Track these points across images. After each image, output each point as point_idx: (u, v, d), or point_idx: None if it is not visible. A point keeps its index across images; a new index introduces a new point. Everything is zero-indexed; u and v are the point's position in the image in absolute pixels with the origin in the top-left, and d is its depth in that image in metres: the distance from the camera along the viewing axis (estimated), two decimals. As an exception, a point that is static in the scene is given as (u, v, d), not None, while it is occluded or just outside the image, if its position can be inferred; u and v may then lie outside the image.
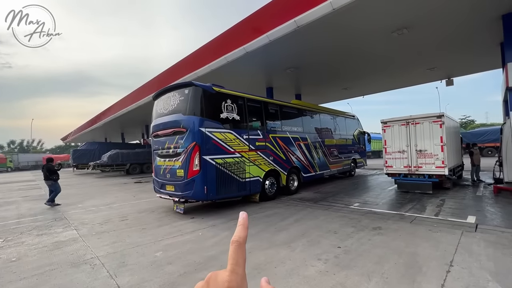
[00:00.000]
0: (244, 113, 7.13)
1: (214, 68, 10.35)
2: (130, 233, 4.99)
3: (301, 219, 5.54)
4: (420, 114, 7.95)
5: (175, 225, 5.45)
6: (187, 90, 6.19)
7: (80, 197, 10.13)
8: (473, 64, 11.81)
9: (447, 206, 6.13)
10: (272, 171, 7.89)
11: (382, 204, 6.76)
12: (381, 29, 7.75)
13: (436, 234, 4.21)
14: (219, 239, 4.41)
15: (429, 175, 7.77)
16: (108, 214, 6.78)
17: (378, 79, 13.50)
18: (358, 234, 4.38)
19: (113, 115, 21.22)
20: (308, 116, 10.29)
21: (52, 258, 3.82)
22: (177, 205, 6.48)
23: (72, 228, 5.50)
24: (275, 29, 7.82)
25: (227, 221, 5.55)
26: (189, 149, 5.91)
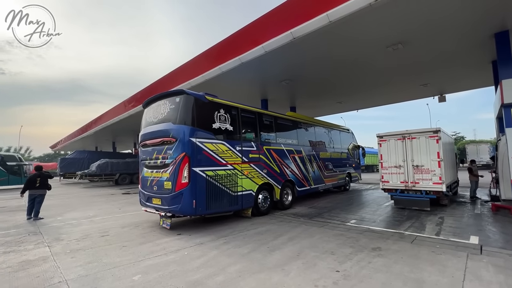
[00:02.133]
0: (237, 123, 6.88)
1: (209, 78, 10.19)
2: (109, 251, 4.54)
3: (296, 237, 5.18)
4: (416, 129, 7.85)
5: (159, 242, 5.01)
6: (178, 98, 5.92)
7: (61, 209, 9.53)
8: (465, 81, 12.01)
9: (447, 225, 5.88)
10: (266, 185, 7.57)
11: (380, 221, 6.47)
12: (377, 44, 7.76)
13: (440, 257, 3.92)
14: (205, 260, 4.01)
15: (427, 192, 7.57)
16: (88, 229, 6.27)
17: (372, 93, 13.58)
18: (357, 255, 4.06)
19: (104, 124, 20.72)
20: (303, 129, 10.12)
21: (14, 281, 3.36)
22: (163, 220, 6.05)
23: (45, 245, 5.00)
24: (271, 40, 7.75)
25: (216, 239, 5.15)
26: (178, 160, 5.57)
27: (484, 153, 30.48)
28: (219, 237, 5.30)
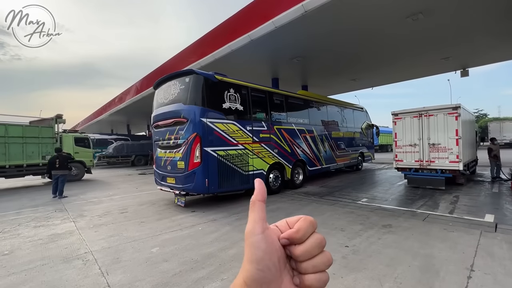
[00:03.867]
0: (248, 103, 6.83)
1: (218, 57, 10.01)
2: (128, 226, 4.82)
3: (306, 214, 5.26)
4: (434, 106, 7.50)
5: (174, 218, 5.26)
6: (188, 79, 5.90)
7: (83, 188, 10.09)
8: (491, 53, 11.14)
9: (462, 203, 5.78)
10: (277, 164, 7.62)
11: (392, 200, 6.44)
12: (395, 14, 7.25)
13: (452, 234, 3.90)
14: (218, 234, 4.19)
15: (442, 170, 7.38)
16: (108, 206, 6.65)
17: (389, 69, 12.93)
18: (367, 232, 4.11)
19: (117, 107, 21.16)
20: (315, 108, 9.92)
21: (45, 252, 3.67)
22: (178, 198, 6.30)
23: (70, 220, 5.37)
24: (281, 14, 7.41)
25: (229, 216, 5.34)
26: (189, 140, 5.67)
27: (509, 131, 28.94)
28: (231, 214, 5.48)
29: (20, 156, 10.62)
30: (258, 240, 0.33)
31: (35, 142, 11.00)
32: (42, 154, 11.10)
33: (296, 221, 0.37)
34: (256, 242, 0.33)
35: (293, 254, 0.34)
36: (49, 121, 12.04)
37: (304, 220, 0.36)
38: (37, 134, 11.15)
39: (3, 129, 10.27)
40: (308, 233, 0.35)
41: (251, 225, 0.35)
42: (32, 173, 11.22)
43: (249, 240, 0.34)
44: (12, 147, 10.42)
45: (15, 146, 10.51)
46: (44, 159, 10.92)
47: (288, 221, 0.38)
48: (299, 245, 0.35)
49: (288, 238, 0.35)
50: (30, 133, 10.95)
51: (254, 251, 0.33)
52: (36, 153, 11.01)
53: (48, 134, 11.50)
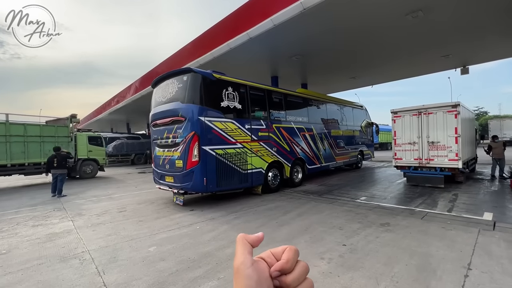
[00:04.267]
0: (246, 101, 6.80)
1: (217, 55, 9.97)
2: (126, 225, 4.82)
3: (305, 213, 5.27)
4: (433, 104, 7.48)
5: (173, 217, 5.26)
6: (185, 77, 5.88)
7: (83, 187, 10.09)
8: (491, 50, 11.08)
9: (461, 202, 5.77)
10: (275, 163, 7.61)
11: (391, 198, 6.43)
12: (394, 11, 7.20)
13: (450, 233, 3.89)
14: (216, 233, 4.19)
15: (441, 168, 7.37)
16: (107, 205, 6.65)
17: (388, 67, 12.88)
18: (365, 230, 4.10)
19: (117, 105, 21.16)
20: (314, 106, 9.89)
21: (43, 251, 3.67)
22: (176, 197, 6.29)
23: (68, 219, 5.37)
24: (280, 12, 7.37)
25: (227, 214, 5.33)
26: (187, 139, 5.65)
27: (509, 129, 28.88)
28: (230, 212, 5.48)
29: (38, 154, 11.08)
30: (250, 272, 0.35)
31: (51, 141, 11.43)
32: None
33: (282, 251, 0.39)
34: (249, 274, 0.35)
35: (284, 283, 0.37)
36: (65, 121, 12.51)
37: (289, 250, 0.39)
38: (54, 133, 11.68)
39: (22, 129, 10.78)
40: (295, 262, 0.38)
41: (242, 257, 0.37)
42: None
43: (242, 272, 0.35)
44: (30, 145, 10.90)
45: (34, 145, 11.01)
46: None
47: (273, 251, 0.40)
48: (289, 274, 0.37)
49: (280, 270, 0.37)
50: (47, 132, 11.47)
51: (247, 282, 0.35)
52: None
53: (64, 133, 12.01)
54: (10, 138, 10.39)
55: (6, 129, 10.33)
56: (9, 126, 10.47)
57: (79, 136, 13.20)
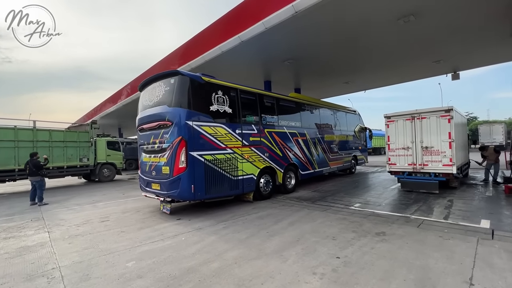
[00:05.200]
0: (237, 105, 6.59)
1: (208, 59, 9.79)
2: (107, 237, 4.50)
3: (297, 221, 5.04)
4: (427, 108, 7.41)
5: (157, 227, 4.95)
6: (173, 80, 5.64)
7: (68, 194, 9.66)
8: (481, 56, 11.20)
9: (456, 208, 5.63)
10: (268, 168, 7.38)
11: (385, 205, 6.26)
12: (387, 16, 7.16)
13: (448, 242, 3.71)
14: (202, 245, 3.91)
15: (435, 174, 7.26)
16: (89, 214, 6.29)
17: (381, 72, 12.91)
18: (359, 240, 3.88)
19: (108, 109, 20.73)
20: (307, 111, 9.75)
21: (8, 268, 3.33)
22: (163, 205, 5.98)
23: (45, 231, 5.01)
24: (271, 15, 7.25)
25: (216, 224, 5.06)
26: (174, 144, 5.39)
27: (498, 134, 29.37)
28: (218, 221, 5.20)
29: (62, 159, 11.93)
30: None
31: (74, 146, 12.36)
32: (79, 157, 12.52)
33: None
34: None
35: None
36: (85, 127, 13.52)
37: None
38: (76, 138, 12.52)
39: (48, 135, 11.59)
40: None
41: None
42: (71, 174, 12.60)
43: None
44: (55, 150, 11.70)
45: (57, 150, 11.82)
46: (81, 161, 12.52)
47: None
48: None
49: None
50: (69, 137, 12.31)
51: None
52: (75, 155, 12.42)
53: (85, 138, 12.85)
54: (37, 144, 11.10)
55: (34, 135, 11.14)
56: (36, 132, 11.23)
57: (99, 141, 13.68)
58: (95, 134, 13.59)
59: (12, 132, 10.59)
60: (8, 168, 10.31)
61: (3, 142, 10.27)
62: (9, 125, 10.72)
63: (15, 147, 10.54)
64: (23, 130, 10.97)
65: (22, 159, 10.13)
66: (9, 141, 10.42)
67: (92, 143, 13.02)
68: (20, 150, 10.57)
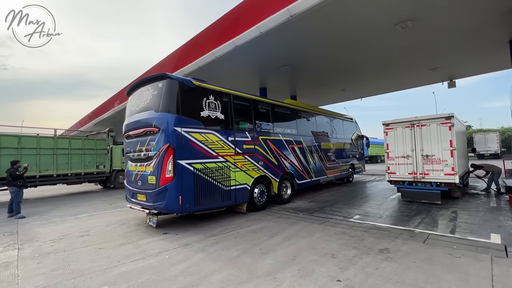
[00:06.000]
0: (230, 112, 6.27)
1: (202, 64, 9.53)
2: (82, 254, 4.05)
3: (293, 236, 4.65)
4: (427, 115, 7.18)
5: (141, 243, 4.52)
6: (161, 83, 5.31)
7: (52, 205, 9.12)
8: (477, 64, 11.13)
9: (462, 220, 5.30)
10: (262, 178, 7.01)
11: (386, 216, 5.91)
12: (384, 21, 7.00)
13: (460, 261, 3.35)
14: (187, 265, 3.50)
15: (437, 183, 6.96)
16: (69, 227, 5.82)
17: (377, 79, 12.79)
18: (362, 259, 3.51)
19: (101, 116, 20.29)
20: (303, 118, 9.47)
21: (-41, 295, 2.88)
22: (149, 217, 5.55)
23: (15, 247, 4.53)
24: (266, 19, 7.05)
25: (204, 239, 4.64)
26: (161, 152, 5.02)
27: (493, 142, 29.52)
28: (208, 236, 4.79)
29: (80, 166, 12.33)
30: None
31: (91, 153, 12.76)
32: (96, 164, 12.85)
33: None
34: None
35: None
36: (103, 135, 14.01)
37: None
38: (94, 146, 12.95)
39: (67, 142, 12.12)
40: None
41: None
42: (88, 180, 12.98)
43: None
44: (73, 157, 12.14)
45: (76, 157, 12.25)
46: (97, 168, 12.89)
47: None
48: None
49: None
50: (88, 145, 12.75)
51: None
52: (92, 162, 12.77)
53: (102, 146, 13.27)
54: (57, 151, 11.59)
55: (54, 143, 11.61)
56: (57, 140, 11.74)
57: (115, 149, 13.77)
58: (111, 142, 13.84)
59: (35, 140, 11.14)
60: (29, 174, 10.35)
61: (27, 150, 10.80)
62: (33, 134, 11.36)
63: (37, 154, 11.01)
64: (45, 138, 11.50)
65: (43, 166, 11.11)
66: (32, 148, 10.95)
67: (108, 150, 13.34)
68: (42, 157, 11.12)
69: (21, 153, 10.51)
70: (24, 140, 10.79)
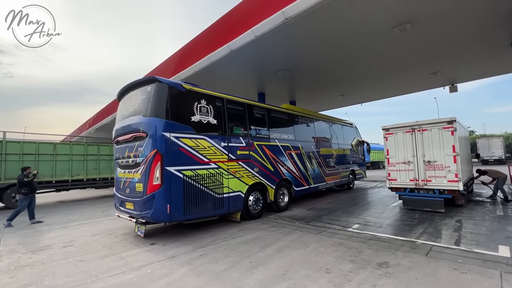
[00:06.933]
0: (223, 116, 6.07)
1: (198, 69, 9.40)
2: (60, 268, 3.80)
3: (286, 247, 4.37)
4: (428, 120, 6.93)
5: (124, 255, 4.26)
6: (149, 87, 5.14)
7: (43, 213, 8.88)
8: (479, 68, 10.92)
9: (467, 231, 4.99)
10: (258, 185, 6.76)
11: (387, 226, 5.61)
12: (381, 23, 6.84)
13: (466, 277, 3.06)
14: (168, 281, 3.23)
15: (440, 191, 6.66)
16: (54, 237, 5.58)
17: (377, 84, 12.60)
18: (358, 275, 3.23)
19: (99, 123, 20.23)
20: (301, 123, 9.25)
21: None
22: (138, 227, 5.30)
23: (-8, 259, 4.29)
24: (261, 22, 6.91)
25: (193, 250, 4.37)
26: (149, 158, 4.80)
27: (497, 148, 29.06)
28: (197, 247, 4.52)
29: (107, 171, 13.14)
30: None
31: None
32: None
33: None
34: None
35: None
36: None
37: None
38: None
39: (96, 149, 12.89)
40: None
41: None
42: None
43: None
44: (102, 163, 12.94)
45: (104, 162, 13.06)
46: None
47: None
48: None
49: None
50: None
51: None
52: None
53: None
54: (87, 157, 12.48)
55: (85, 149, 12.53)
56: (87, 147, 12.55)
57: None
58: None
59: (68, 147, 12.12)
60: (63, 178, 11.66)
61: (61, 156, 11.69)
62: (66, 141, 12.63)
63: (69, 160, 11.95)
64: (77, 145, 12.49)
65: (75, 170, 12.08)
66: (65, 154, 11.85)
67: None
68: (74, 162, 12.07)
69: (56, 159, 11.53)
70: (59, 147, 11.83)
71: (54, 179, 11.37)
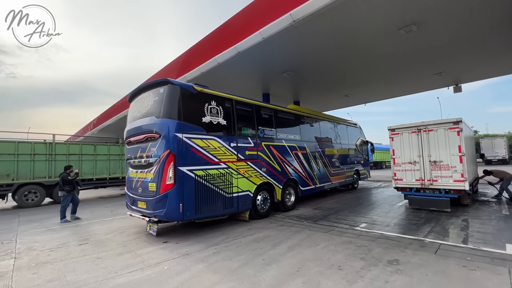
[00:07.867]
0: (232, 117, 6.18)
1: (204, 70, 9.52)
2: (79, 264, 3.93)
3: (297, 245, 4.48)
4: (433, 120, 7.01)
5: (140, 252, 4.38)
6: (162, 89, 5.26)
7: (49, 213, 9.03)
8: (484, 68, 10.95)
9: (474, 229, 5.07)
10: (265, 184, 6.87)
11: (394, 225, 5.69)
12: (388, 25, 6.92)
13: (475, 274, 3.15)
14: (186, 277, 3.35)
15: (446, 190, 6.74)
16: (68, 235, 5.71)
17: (381, 85, 12.66)
18: (370, 271, 3.33)
19: (104, 123, 20.41)
20: (307, 123, 9.34)
21: (-51, 308, 2.77)
22: (150, 225, 5.43)
23: (12, 256, 4.43)
24: (269, 24, 7.02)
25: (205, 248, 4.49)
26: (162, 158, 4.92)
27: (500, 148, 28.97)
28: (209, 245, 4.63)
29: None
30: None
31: None
32: None
33: None
34: None
35: None
36: None
37: None
38: None
39: (107, 149, 13.17)
40: None
41: None
42: None
43: None
44: (124, 163, 12.66)
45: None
46: None
47: None
48: None
49: None
50: None
51: None
52: None
53: None
54: (109, 157, 13.04)
55: (108, 150, 13.09)
56: (96, 147, 12.84)
57: None
58: None
59: (92, 147, 12.71)
60: (102, 176, 12.70)
61: (86, 156, 12.34)
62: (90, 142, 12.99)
63: (93, 160, 12.57)
64: (100, 145, 13.01)
65: (99, 170, 12.69)
66: (90, 154, 12.51)
67: None
68: (98, 162, 12.69)
69: (96, 159, 12.61)
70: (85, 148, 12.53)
71: (95, 177, 12.52)
